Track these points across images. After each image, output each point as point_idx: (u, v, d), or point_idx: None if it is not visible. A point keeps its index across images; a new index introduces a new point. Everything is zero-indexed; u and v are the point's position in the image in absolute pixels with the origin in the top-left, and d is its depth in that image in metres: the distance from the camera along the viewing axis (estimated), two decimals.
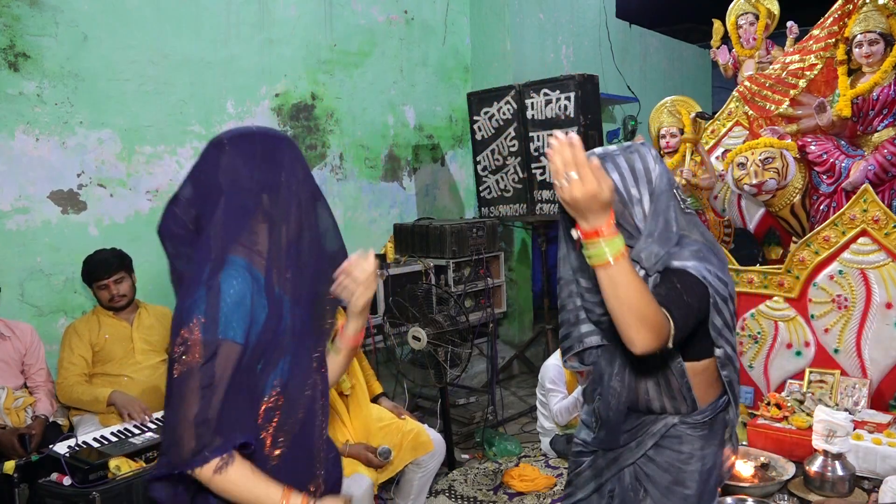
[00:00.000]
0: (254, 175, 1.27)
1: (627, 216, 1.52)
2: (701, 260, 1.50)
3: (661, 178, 1.53)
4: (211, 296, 1.19)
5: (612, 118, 7.21)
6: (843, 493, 2.67)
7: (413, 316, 3.63)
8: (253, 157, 1.28)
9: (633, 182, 1.51)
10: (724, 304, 1.53)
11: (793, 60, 3.80)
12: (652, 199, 1.52)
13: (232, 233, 1.25)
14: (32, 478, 2.36)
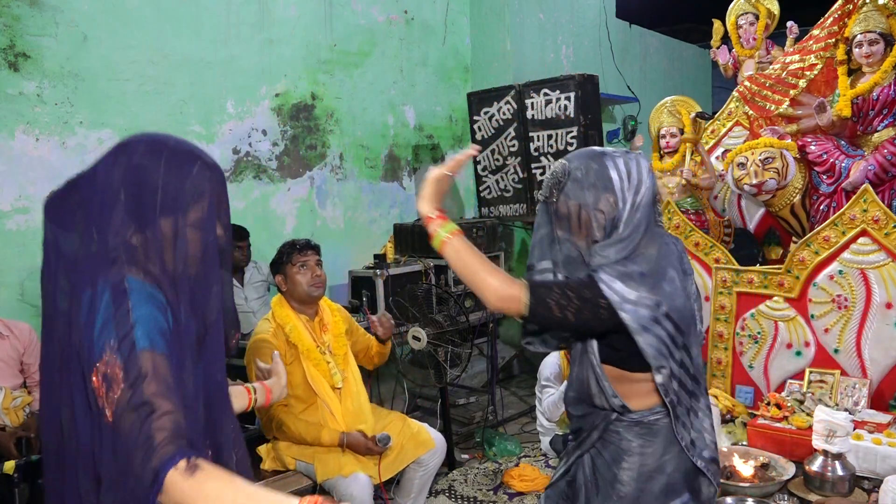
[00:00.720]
0: (151, 196, 1.18)
1: (609, 213, 1.58)
2: (626, 281, 1.54)
3: (648, 191, 1.59)
4: (123, 318, 1.10)
5: (612, 118, 7.21)
6: (843, 493, 2.67)
7: (413, 316, 3.63)
8: (155, 173, 1.19)
9: (628, 185, 1.58)
10: (654, 325, 1.54)
11: (793, 60, 3.80)
12: (632, 209, 1.58)
13: (129, 250, 1.16)
14: (32, 478, 2.36)
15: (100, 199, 1.18)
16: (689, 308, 1.63)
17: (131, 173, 1.21)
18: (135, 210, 1.18)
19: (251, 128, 4.28)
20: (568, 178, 1.60)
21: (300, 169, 4.56)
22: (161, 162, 1.21)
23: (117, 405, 1.06)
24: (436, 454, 3.00)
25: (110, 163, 1.23)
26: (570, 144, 4.39)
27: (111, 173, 1.21)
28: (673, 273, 1.61)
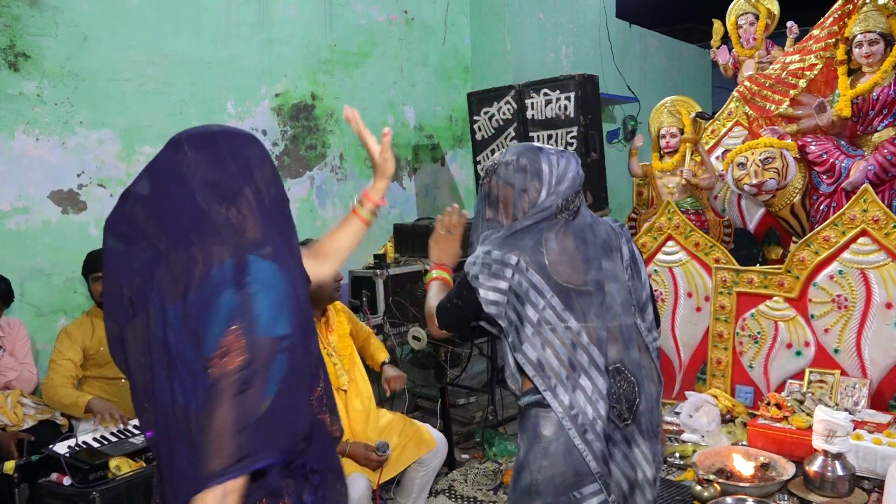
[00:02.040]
0: (228, 179, 1.22)
1: (533, 198, 1.74)
2: (482, 244, 1.72)
3: (569, 186, 1.74)
4: (246, 303, 1.13)
5: (612, 118, 7.21)
6: (843, 493, 2.67)
7: (413, 316, 3.63)
8: (222, 159, 1.24)
9: (554, 178, 1.74)
10: (496, 276, 1.66)
11: (793, 60, 3.80)
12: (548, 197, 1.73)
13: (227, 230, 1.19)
14: (32, 478, 2.36)
15: (178, 198, 1.20)
16: (574, 271, 1.67)
17: (199, 164, 1.22)
18: (216, 192, 1.20)
19: (251, 128, 4.28)
20: (502, 164, 1.77)
21: (300, 169, 4.56)
22: (219, 144, 1.26)
23: (222, 383, 1.09)
24: (437, 454, 3.00)
25: (176, 166, 1.23)
26: (571, 144, 4.39)
27: (178, 170, 1.22)
28: (553, 239, 1.68)
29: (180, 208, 1.19)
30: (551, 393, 1.62)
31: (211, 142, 1.25)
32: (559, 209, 1.72)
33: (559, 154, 1.77)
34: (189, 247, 1.17)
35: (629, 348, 1.69)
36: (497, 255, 1.67)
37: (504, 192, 1.76)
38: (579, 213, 1.75)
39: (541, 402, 1.65)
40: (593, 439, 1.61)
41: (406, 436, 2.92)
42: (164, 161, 1.24)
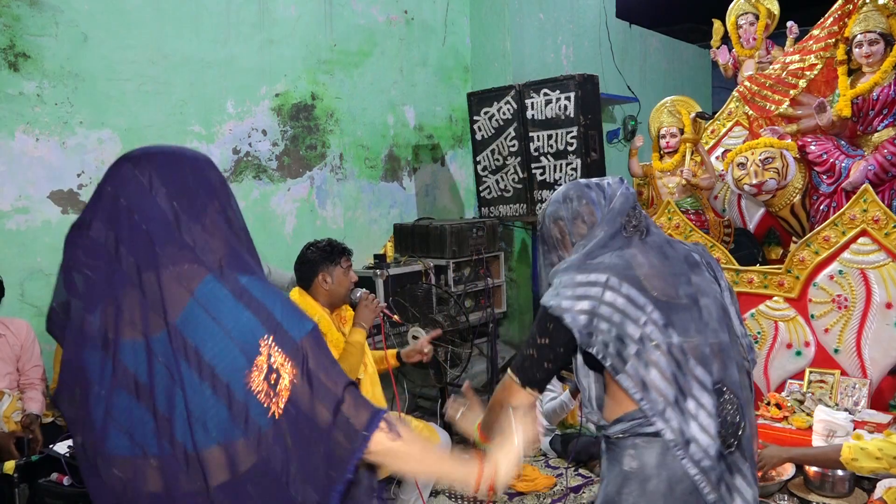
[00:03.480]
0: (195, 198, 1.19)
1: (590, 220, 1.67)
2: (565, 286, 1.56)
3: (621, 199, 1.67)
4: (258, 310, 1.12)
5: (612, 118, 7.21)
6: (843, 493, 2.67)
7: (413, 316, 3.64)
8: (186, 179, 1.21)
9: (604, 198, 1.68)
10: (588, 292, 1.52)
11: (793, 60, 3.80)
12: (606, 215, 1.66)
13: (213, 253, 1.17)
14: (32, 478, 2.37)
15: (158, 226, 1.15)
16: (668, 284, 1.54)
17: (172, 188, 1.18)
18: (185, 211, 1.17)
19: (251, 128, 4.28)
20: (549, 204, 1.73)
21: (300, 169, 4.56)
22: (182, 164, 1.23)
23: (293, 395, 1.09)
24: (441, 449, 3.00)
25: (136, 188, 1.18)
26: (570, 144, 4.39)
27: (150, 200, 1.17)
28: (638, 253, 1.59)
29: (150, 228, 1.14)
30: (660, 417, 1.46)
31: (173, 161, 1.22)
32: (623, 226, 1.63)
33: (601, 179, 1.73)
34: (160, 268, 1.12)
35: (728, 367, 1.55)
36: (581, 278, 1.54)
37: (557, 229, 1.70)
38: (650, 231, 1.66)
39: (639, 430, 1.50)
40: (710, 467, 1.46)
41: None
42: (125, 180, 1.18)
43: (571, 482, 3.50)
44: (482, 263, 4.62)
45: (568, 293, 1.53)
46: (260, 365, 1.09)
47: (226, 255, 1.17)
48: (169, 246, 1.13)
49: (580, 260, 1.60)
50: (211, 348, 1.09)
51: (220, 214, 1.21)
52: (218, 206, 1.21)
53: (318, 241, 2.89)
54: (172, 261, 1.12)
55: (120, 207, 1.16)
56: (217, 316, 1.10)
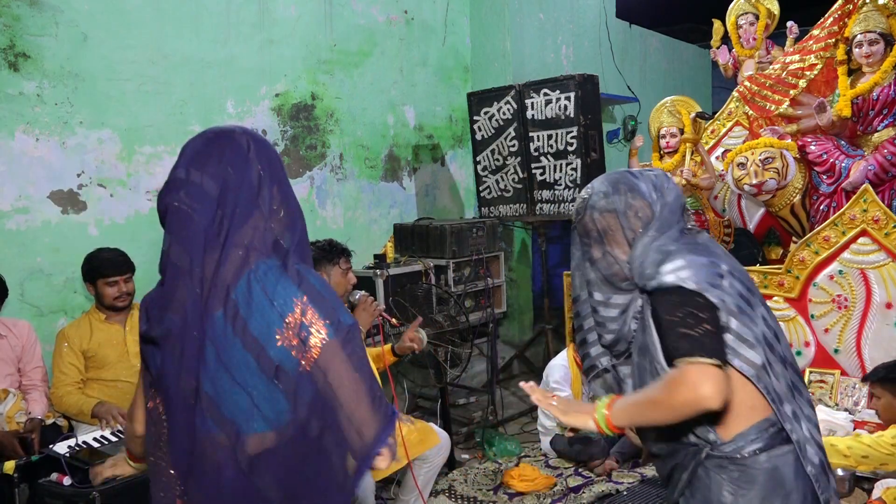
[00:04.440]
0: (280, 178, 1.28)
1: (644, 214, 1.55)
2: (698, 255, 1.43)
3: (673, 194, 1.60)
4: (300, 280, 1.18)
5: (612, 118, 7.21)
6: (843, 493, 2.67)
7: (413, 316, 3.64)
8: (274, 160, 1.29)
9: (655, 191, 1.57)
10: (718, 280, 1.39)
11: (793, 60, 3.80)
12: (663, 208, 1.56)
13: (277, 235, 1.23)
14: (32, 478, 2.36)
15: (246, 193, 1.20)
16: (749, 283, 1.48)
17: (266, 169, 1.24)
18: (274, 199, 1.23)
19: (251, 127, 4.28)
20: (593, 195, 1.59)
21: (300, 169, 4.56)
22: (275, 155, 1.29)
23: (323, 356, 1.12)
24: (441, 450, 3.01)
25: (242, 155, 1.23)
26: (570, 144, 4.39)
27: (247, 167, 1.22)
28: (719, 251, 1.52)
29: (242, 197, 1.19)
30: (790, 423, 1.37)
31: (263, 142, 1.29)
32: (683, 220, 1.56)
33: (643, 171, 1.63)
34: (239, 233, 1.17)
35: (797, 373, 1.50)
36: (704, 260, 1.40)
37: (606, 222, 1.55)
38: (700, 231, 1.61)
39: (771, 442, 1.38)
40: (820, 468, 1.40)
41: (410, 431, 2.93)
42: (230, 148, 1.23)
43: (571, 482, 3.50)
44: (482, 263, 4.62)
45: (702, 275, 1.38)
46: (292, 320, 1.12)
47: (293, 244, 1.23)
48: (249, 223, 1.18)
49: (675, 242, 1.47)
50: (257, 322, 1.13)
51: (288, 201, 1.27)
52: (287, 192, 1.27)
53: (319, 241, 2.89)
54: (246, 238, 1.18)
55: (225, 167, 1.21)
56: (266, 285, 1.14)
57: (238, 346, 1.12)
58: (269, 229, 1.20)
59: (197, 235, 1.16)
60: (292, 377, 1.12)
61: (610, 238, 1.55)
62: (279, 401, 1.13)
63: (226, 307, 1.13)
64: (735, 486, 1.37)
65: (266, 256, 1.18)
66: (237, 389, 1.13)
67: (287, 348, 1.12)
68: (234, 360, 1.13)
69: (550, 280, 5.10)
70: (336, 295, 1.23)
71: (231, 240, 1.16)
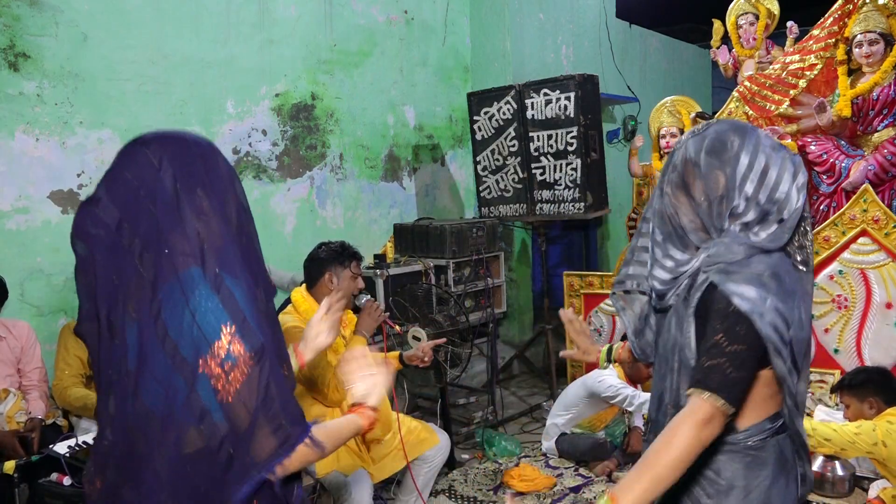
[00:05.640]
0: (202, 184, 1.21)
1: (770, 190, 1.33)
2: (761, 287, 1.28)
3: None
4: (229, 302, 1.16)
5: (612, 118, 7.21)
6: (843, 493, 2.68)
7: (413, 316, 3.64)
8: (195, 165, 1.23)
9: (792, 176, 1.35)
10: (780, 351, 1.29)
11: (793, 60, 3.80)
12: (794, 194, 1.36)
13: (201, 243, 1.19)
14: (32, 478, 2.36)
15: (162, 206, 1.18)
16: (806, 336, 1.35)
17: (180, 172, 1.20)
18: (197, 206, 1.19)
19: (251, 128, 4.28)
20: (706, 134, 1.36)
21: (300, 169, 4.56)
22: (196, 155, 1.24)
23: (242, 387, 1.14)
24: (440, 450, 3.00)
25: (148, 167, 1.20)
26: (570, 144, 4.39)
27: (157, 179, 1.19)
28: (803, 294, 1.36)
29: (156, 210, 1.17)
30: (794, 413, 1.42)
31: (184, 145, 1.23)
32: (795, 241, 1.39)
33: (775, 145, 1.36)
34: (159, 250, 1.15)
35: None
36: (782, 307, 1.28)
37: (717, 185, 1.35)
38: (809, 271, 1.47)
39: (781, 429, 1.42)
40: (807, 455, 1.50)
41: (408, 433, 2.93)
42: (135, 161, 1.20)
43: (571, 482, 3.50)
44: (482, 263, 4.62)
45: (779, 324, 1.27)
46: (217, 349, 1.13)
47: (220, 251, 1.19)
48: (172, 232, 1.16)
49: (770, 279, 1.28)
50: (175, 327, 1.13)
51: (223, 207, 1.23)
52: (221, 198, 1.23)
53: (332, 242, 2.89)
54: (170, 246, 1.16)
55: (129, 186, 1.19)
56: (189, 298, 1.14)
57: (160, 351, 1.14)
58: (197, 234, 1.17)
59: (110, 248, 1.18)
60: (208, 402, 1.14)
61: (704, 211, 1.36)
62: (199, 408, 1.16)
63: (151, 307, 1.15)
64: (748, 471, 1.39)
65: (193, 264, 1.16)
66: (160, 388, 1.15)
67: (208, 376, 1.13)
68: (157, 363, 1.15)
69: (550, 280, 5.10)
70: (258, 307, 1.20)
71: (157, 249, 1.16)
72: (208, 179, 1.22)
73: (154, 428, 1.16)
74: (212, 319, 1.13)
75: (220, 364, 1.13)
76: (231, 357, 1.13)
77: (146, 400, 1.16)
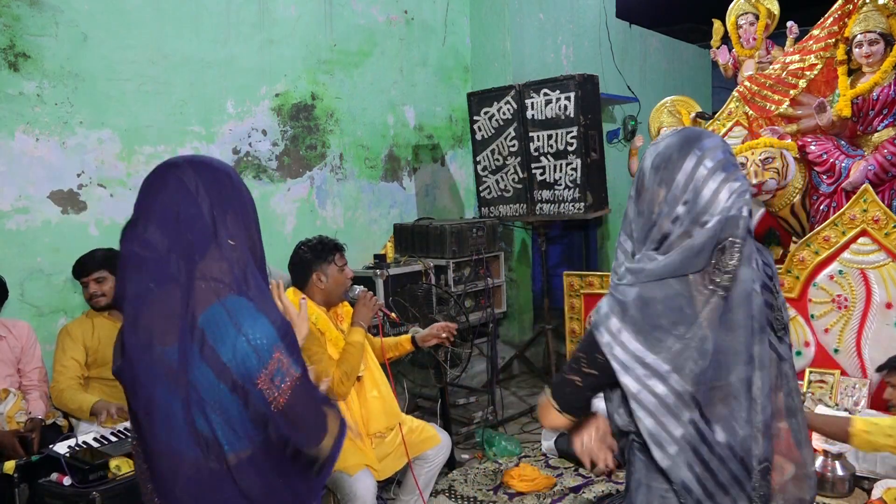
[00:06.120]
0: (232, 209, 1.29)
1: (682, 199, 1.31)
2: (622, 318, 1.29)
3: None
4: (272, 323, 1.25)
5: (612, 118, 7.21)
6: (843, 493, 2.68)
7: (413, 316, 3.64)
8: (226, 190, 1.30)
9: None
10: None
11: (793, 60, 3.80)
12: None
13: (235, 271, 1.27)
14: (32, 478, 2.36)
15: (198, 232, 1.24)
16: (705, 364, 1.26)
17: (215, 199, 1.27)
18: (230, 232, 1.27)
19: (251, 128, 4.28)
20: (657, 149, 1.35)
21: (300, 169, 4.56)
22: (225, 181, 1.31)
23: (293, 394, 1.25)
24: (441, 450, 3.00)
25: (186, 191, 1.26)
26: (570, 144, 4.39)
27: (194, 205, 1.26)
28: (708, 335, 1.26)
29: (194, 238, 1.23)
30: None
31: (214, 171, 1.30)
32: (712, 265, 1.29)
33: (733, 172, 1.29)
34: (195, 278, 1.22)
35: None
36: (644, 356, 1.30)
37: (654, 197, 1.34)
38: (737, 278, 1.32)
39: None
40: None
41: (411, 431, 2.93)
42: (171, 186, 1.26)
43: (571, 482, 3.50)
44: (482, 263, 4.62)
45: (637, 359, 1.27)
46: (271, 367, 1.23)
47: (252, 274, 1.29)
48: (208, 258, 1.24)
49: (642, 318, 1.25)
50: (228, 351, 1.21)
51: (248, 231, 1.32)
52: (244, 220, 1.31)
53: (309, 240, 2.86)
54: (208, 271, 1.23)
55: (168, 211, 1.25)
56: (239, 321, 1.22)
57: (209, 373, 1.21)
58: (230, 260, 1.25)
59: (156, 274, 1.24)
60: (264, 413, 1.24)
61: (637, 205, 1.36)
62: (248, 426, 1.26)
63: (193, 334, 1.21)
64: (646, 470, 1.36)
65: (234, 290, 1.24)
66: (209, 410, 1.23)
67: (263, 390, 1.22)
68: (204, 384, 1.22)
69: (550, 280, 5.10)
70: (288, 325, 1.30)
71: (192, 275, 1.22)
72: (238, 205, 1.30)
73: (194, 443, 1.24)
74: (265, 342, 1.22)
75: (272, 379, 1.22)
76: (281, 373, 1.23)
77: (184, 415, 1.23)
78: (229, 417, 1.23)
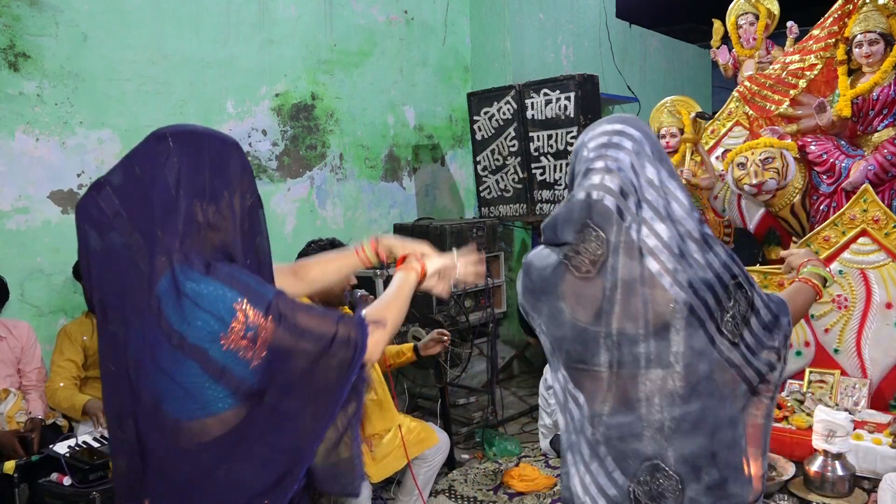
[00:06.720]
0: (206, 181, 1.22)
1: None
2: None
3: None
4: (231, 280, 1.18)
5: None
6: (843, 493, 2.67)
7: (413, 316, 3.64)
8: (203, 161, 1.23)
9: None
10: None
11: (793, 60, 3.80)
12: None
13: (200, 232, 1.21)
14: (32, 478, 2.37)
15: (159, 201, 1.19)
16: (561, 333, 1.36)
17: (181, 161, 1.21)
18: (192, 192, 1.20)
19: (251, 128, 4.28)
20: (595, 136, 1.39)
21: (300, 169, 4.56)
22: (203, 145, 1.25)
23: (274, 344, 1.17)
24: (440, 450, 3.01)
25: (155, 160, 1.21)
26: (570, 144, 4.39)
27: (160, 175, 1.20)
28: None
29: (153, 201, 1.18)
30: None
31: (196, 141, 1.24)
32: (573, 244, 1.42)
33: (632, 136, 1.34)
34: (154, 241, 1.17)
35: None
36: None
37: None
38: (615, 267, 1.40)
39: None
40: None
41: (410, 431, 2.93)
42: (145, 153, 1.22)
43: None
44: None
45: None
46: (237, 327, 1.15)
47: (220, 247, 1.21)
48: (167, 228, 1.17)
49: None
50: (179, 319, 1.14)
51: (230, 204, 1.24)
52: (230, 196, 1.24)
53: (321, 240, 2.88)
54: (166, 242, 1.17)
55: (134, 177, 1.20)
56: (185, 288, 1.14)
57: (166, 342, 1.15)
58: (191, 233, 1.18)
59: (109, 236, 1.20)
60: (241, 375, 1.17)
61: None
62: (220, 393, 1.18)
63: (150, 302, 1.16)
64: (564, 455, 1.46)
65: (186, 259, 1.17)
66: (171, 384, 1.17)
67: (234, 350, 1.15)
68: (165, 359, 1.16)
69: None
70: (257, 276, 1.23)
71: (146, 242, 1.17)
72: (216, 178, 1.23)
73: (163, 416, 1.18)
74: (219, 302, 1.14)
75: (244, 336, 1.15)
76: (251, 327, 1.15)
77: (150, 392, 1.18)
78: (191, 385, 1.16)
